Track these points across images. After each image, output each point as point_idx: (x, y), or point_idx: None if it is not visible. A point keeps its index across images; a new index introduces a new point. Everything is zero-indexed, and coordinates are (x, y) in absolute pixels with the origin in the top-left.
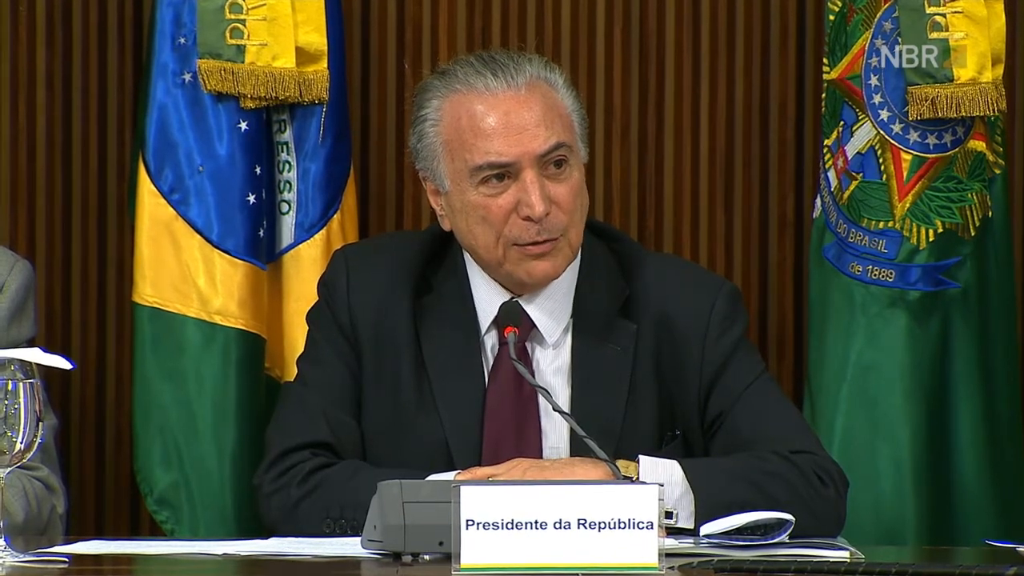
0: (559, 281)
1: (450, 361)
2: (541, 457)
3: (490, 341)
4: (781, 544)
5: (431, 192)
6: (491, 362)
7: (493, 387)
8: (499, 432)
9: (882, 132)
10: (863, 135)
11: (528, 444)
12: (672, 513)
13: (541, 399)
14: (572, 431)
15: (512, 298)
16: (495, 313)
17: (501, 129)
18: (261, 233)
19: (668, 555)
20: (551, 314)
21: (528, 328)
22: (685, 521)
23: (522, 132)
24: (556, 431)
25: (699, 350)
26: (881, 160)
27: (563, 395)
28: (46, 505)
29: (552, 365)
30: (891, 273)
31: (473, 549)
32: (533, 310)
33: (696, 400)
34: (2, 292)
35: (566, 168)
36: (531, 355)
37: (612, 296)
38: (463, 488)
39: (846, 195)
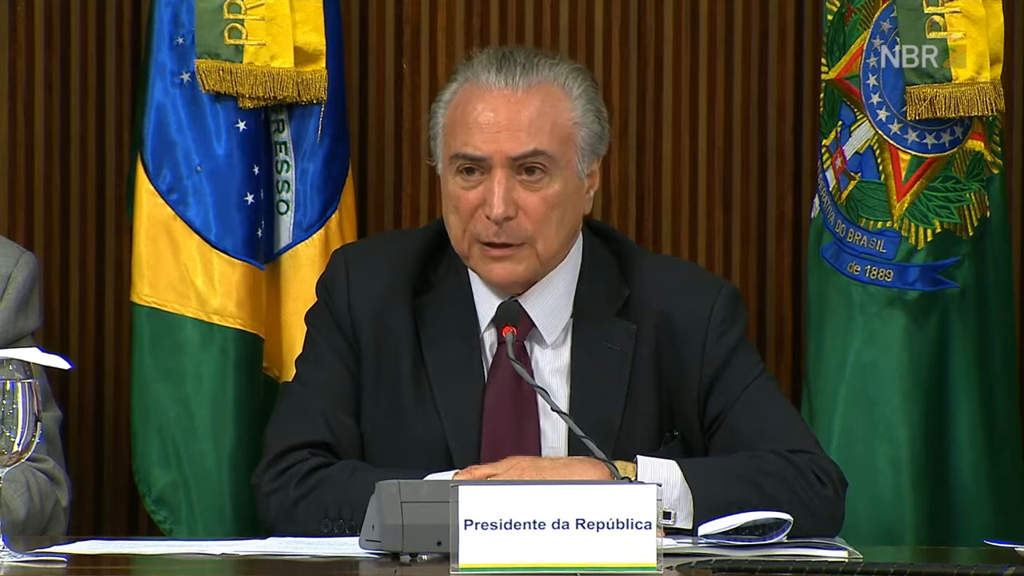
0: (558, 281)
1: (449, 360)
2: (540, 457)
3: (489, 340)
4: (779, 544)
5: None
6: (490, 361)
7: (492, 386)
8: (498, 431)
9: (880, 132)
10: (861, 135)
11: (527, 444)
12: (670, 513)
13: (540, 399)
14: (571, 431)
15: (511, 297)
16: (494, 311)
17: (484, 124)
18: (259, 233)
19: (666, 555)
20: (550, 314)
21: (527, 328)
22: (683, 521)
23: (501, 131)
24: (555, 431)
25: (699, 351)
26: (879, 160)
27: (562, 395)
28: (49, 500)
29: (551, 365)
30: (889, 273)
31: (471, 549)
32: (532, 310)
33: (696, 400)
34: (9, 284)
35: (542, 177)
36: (530, 355)
37: (612, 297)
38: (461, 488)
39: (844, 195)
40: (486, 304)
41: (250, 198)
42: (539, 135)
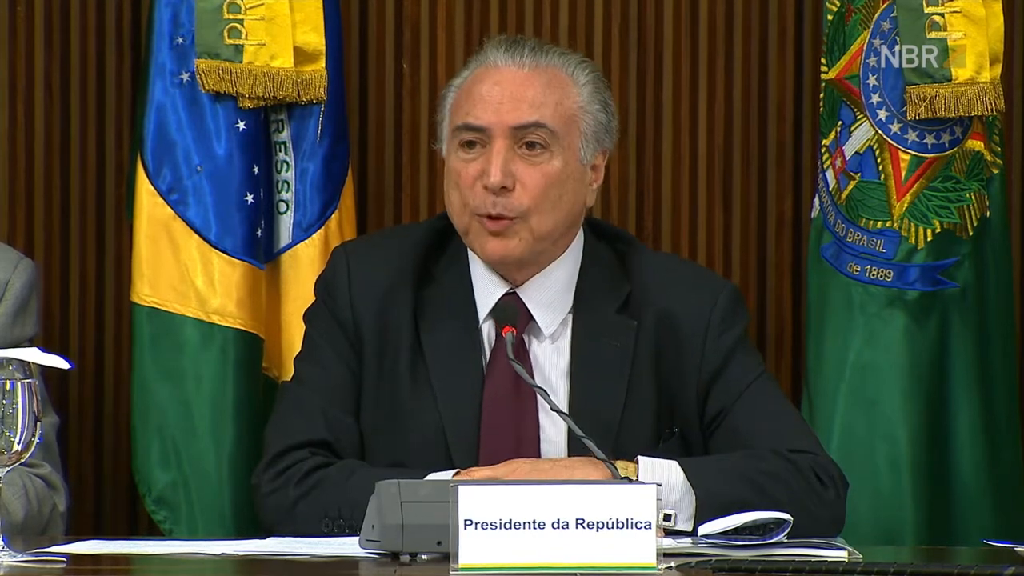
0: (558, 274)
1: (447, 350)
2: (539, 452)
3: (486, 330)
4: (779, 544)
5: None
6: (488, 352)
7: (491, 379)
8: (497, 424)
9: (880, 132)
10: (861, 135)
11: (526, 439)
12: (671, 515)
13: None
14: (570, 427)
15: (510, 289)
16: (492, 303)
17: (487, 97)
18: (259, 233)
19: (666, 555)
20: (548, 306)
21: (525, 321)
22: (684, 524)
23: (503, 103)
24: (554, 426)
25: (700, 348)
26: (879, 160)
27: (561, 392)
28: (47, 504)
29: (551, 361)
30: (889, 273)
31: (471, 549)
32: (530, 302)
33: (695, 398)
34: (6, 291)
35: (543, 153)
36: (528, 347)
37: (612, 292)
38: (461, 488)
39: (844, 195)
40: (484, 295)
41: (250, 198)
42: (541, 109)
